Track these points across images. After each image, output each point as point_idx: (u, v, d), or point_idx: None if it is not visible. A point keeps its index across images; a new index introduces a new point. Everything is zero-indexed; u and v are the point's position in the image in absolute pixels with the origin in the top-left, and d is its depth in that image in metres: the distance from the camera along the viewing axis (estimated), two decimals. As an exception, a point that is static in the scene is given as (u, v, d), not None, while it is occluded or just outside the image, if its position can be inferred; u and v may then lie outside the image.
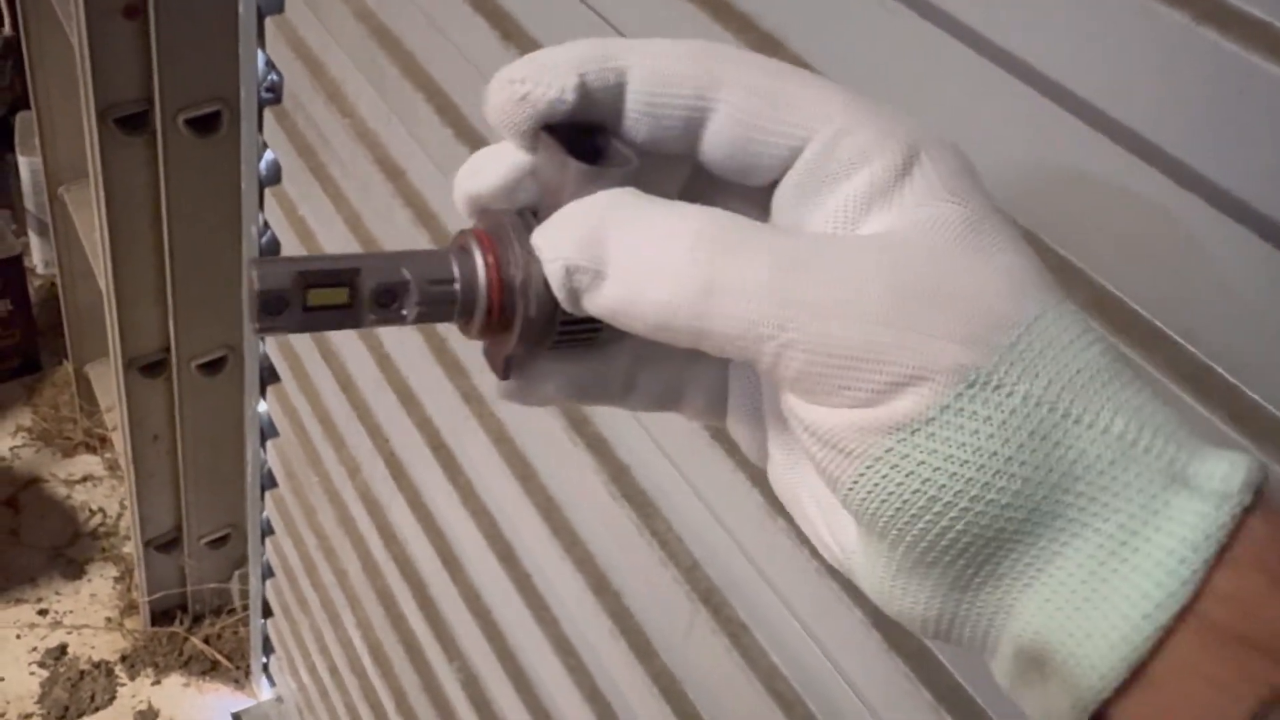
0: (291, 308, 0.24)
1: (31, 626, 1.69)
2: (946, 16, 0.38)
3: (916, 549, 0.22)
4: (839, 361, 0.22)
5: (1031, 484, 0.21)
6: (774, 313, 0.22)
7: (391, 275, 0.24)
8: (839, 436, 0.22)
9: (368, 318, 0.24)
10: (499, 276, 0.25)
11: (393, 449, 0.94)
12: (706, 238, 0.23)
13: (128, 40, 1.12)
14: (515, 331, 0.25)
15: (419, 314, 0.25)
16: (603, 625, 0.66)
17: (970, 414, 0.21)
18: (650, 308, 0.23)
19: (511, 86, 0.24)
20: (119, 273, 1.29)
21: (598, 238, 0.23)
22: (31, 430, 1.95)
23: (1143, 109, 0.32)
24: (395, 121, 0.79)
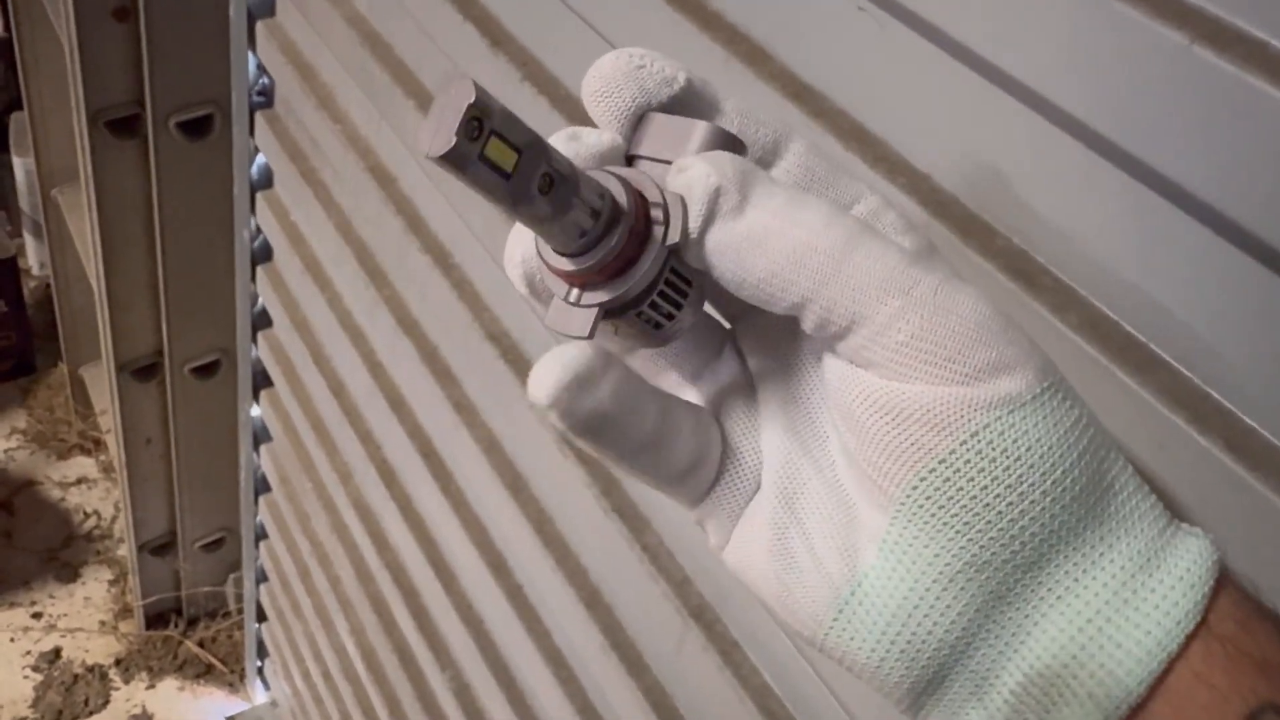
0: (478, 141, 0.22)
1: (25, 630, 1.68)
2: (939, 32, 0.37)
3: (977, 545, 0.23)
4: (954, 331, 0.23)
5: (1089, 488, 0.23)
6: (903, 277, 0.23)
7: (563, 165, 0.24)
8: (934, 411, 0.23)
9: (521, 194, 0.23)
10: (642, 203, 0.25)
11: (384, 456, 0.94)
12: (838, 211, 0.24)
13: (118, 43, 1.11)
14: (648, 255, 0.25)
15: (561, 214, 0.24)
16: (594, 638, 0.65)
17: (1053, 406, 0.23)
18: (786, 243, 0.24)
19: (630, 57, 0.25)
20: (111, 276, 1.29)
21: (748, 175, 0.24)
22: (26, 432, 1.94)
23: (1140, 130, 0.31)
24: (386, 127, 0.78)
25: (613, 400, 0.25)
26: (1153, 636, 0.22)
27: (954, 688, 0.24)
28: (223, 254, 1.19)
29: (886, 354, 0.23)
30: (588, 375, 0.25)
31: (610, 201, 0.24)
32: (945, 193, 0.38)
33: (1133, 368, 0.32)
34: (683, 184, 0.24)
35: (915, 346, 0.23)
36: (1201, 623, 0.22)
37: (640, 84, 0.25)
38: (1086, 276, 0.34)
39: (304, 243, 0.99)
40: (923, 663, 0.24)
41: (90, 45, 1.10)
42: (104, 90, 1.14)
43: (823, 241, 0.23)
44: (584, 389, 0.25)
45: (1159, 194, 0.32)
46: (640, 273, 0.25)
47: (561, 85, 0.58)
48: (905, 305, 0.23)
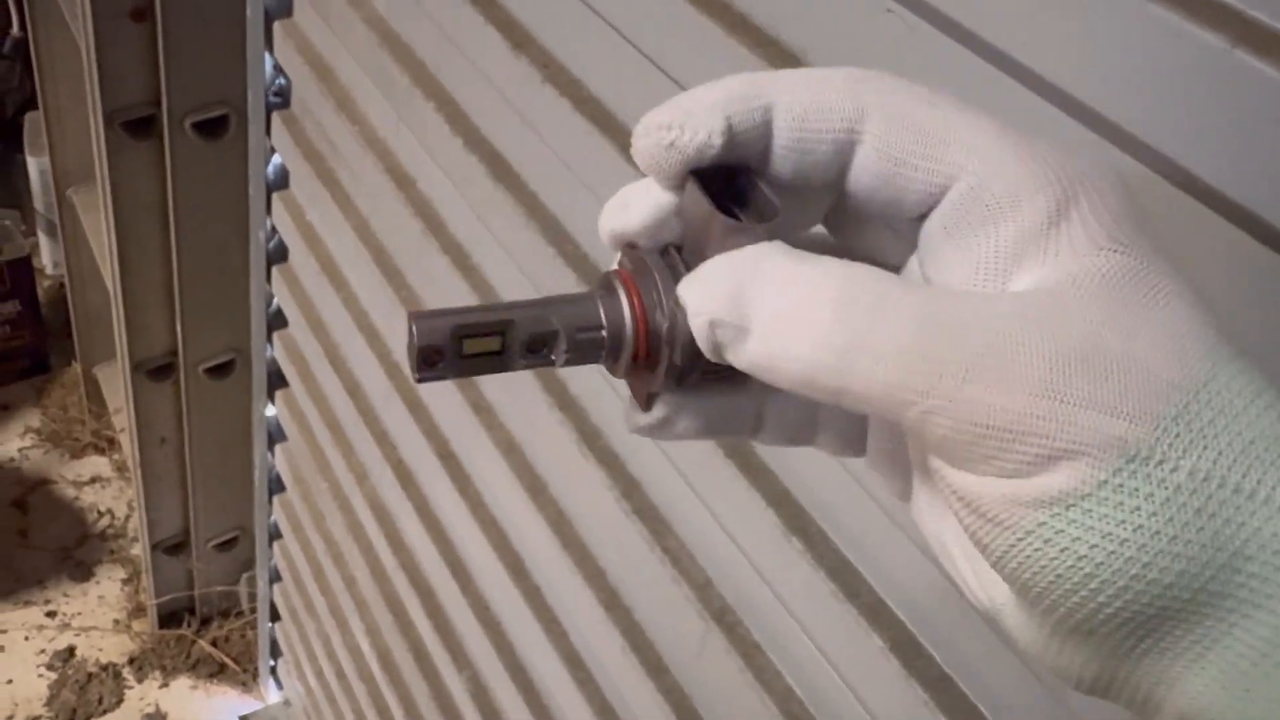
0: (448, 358, 0.25)
1: (40, 628, 1.69)
2: (970, 34, 0.37)
3: (1072, 620, 0.21)
4: (985, 432, 0.21)
5: (1198, 563, 0.20)
6: (917, 378, 0.21)
7: (542, 325, 0.25)
8: (988, 506, 0.22)
9: (518, 363, 0.25)
10: (645, 325, 0.25)
11: (401, 457, 0.94)
12: (849, 297, 0.22)
13: (135, 43, 1.11)
14: (660, 374, 0.26)
15: (567, 359, 0.26)
16: (614, 641, 0.65)
17: (1130, 491, 0.20)
18: (792, 366, 0.22)
19: (659, 133, 0.24)
20: (126, 276, 1.29)
21: (742, 294, 0.23)
22: (40, 431, 1.95)
23: (1178, 134, 0.31)
24: (405, 130, 0.78)
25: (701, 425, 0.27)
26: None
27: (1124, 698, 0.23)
28: (238, 254, 1.19)
29: (931, 448, 0.22)
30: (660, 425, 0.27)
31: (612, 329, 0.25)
32: (976, 196, 0.38)
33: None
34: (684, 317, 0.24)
35: (951, 447, 0.22)
36: None
37: (678, 157, 0.24)
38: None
39: (320, 243, 0.99)
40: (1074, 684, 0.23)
41: (107, 45, 1.10)
42: (120, 90, 1.14)
43: (825, 358, 0.22)
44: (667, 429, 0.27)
45: (1197, 199, 0.31)
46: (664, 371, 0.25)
47: (584, 87, 0.58)
48: (928, 410, 0.21)
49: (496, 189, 0.67)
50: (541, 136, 0.62)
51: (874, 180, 0.24)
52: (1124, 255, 0.22)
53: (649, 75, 0.52)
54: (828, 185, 0.25)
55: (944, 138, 0.23)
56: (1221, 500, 0.20)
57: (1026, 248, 0.22)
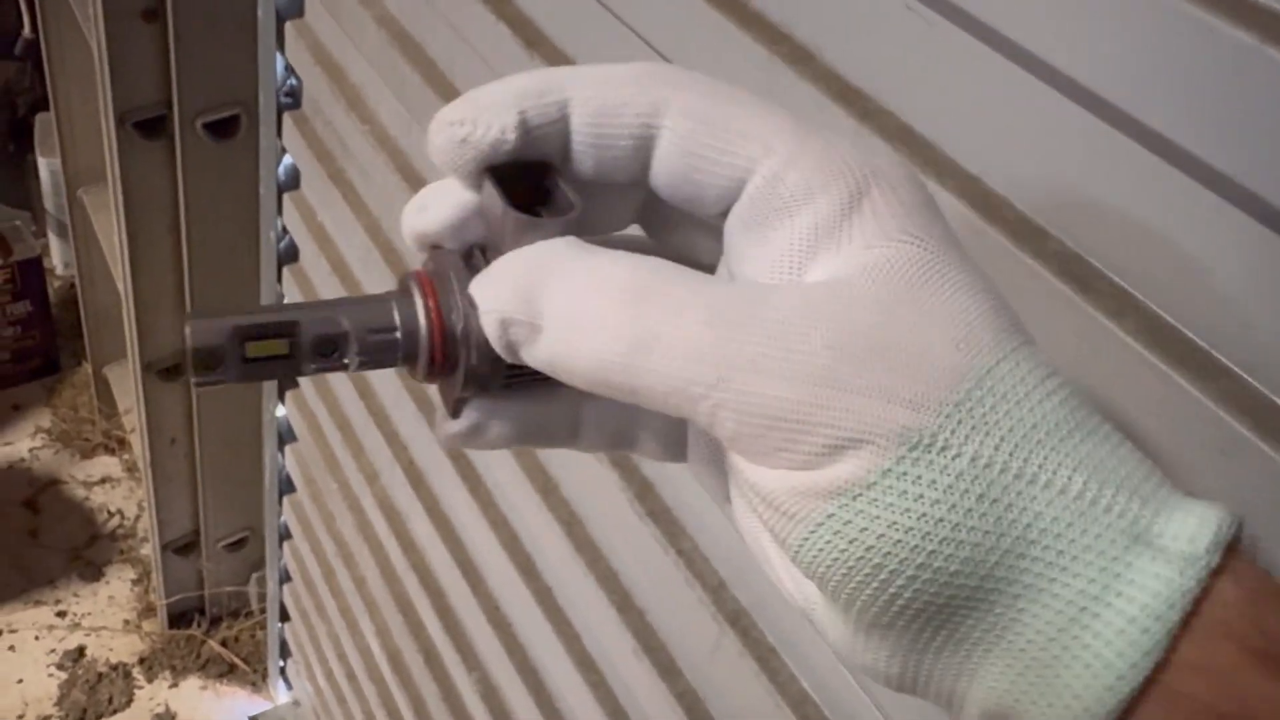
0: (230, 361, 0.24)
1: (50, 628, 1.69)
2: (991, 31, 0.36)
3: (869, 612, 0.21)
4: (772, 424, 0.21)
5: (983, 549, 0.20)
6: (706, 371, 0.21)
7: (330, 326, 0.24)
8: (780, 499, 0.22)
9: (308, 367, 0.24)
10: (440, 325, 0.24)
11: (412, 457, 0.94)
12: (638, 290, 0.22)
13: (146, 44, 1.11)
14: (460, 375, 0.25)
15: (361, 362, 0.25)
16: (626, 643, 0.65)
17: (914, 478, 0.20)
18: (583, 363, 0.22)
19: (451, 129, 0.24)
20: (137, 277, 1.29)
21: (532, 291, 0.23)
22: (50, 431, 1.95)
23: (1203, 131, 0.31)
24: (416, 129, 0.78)
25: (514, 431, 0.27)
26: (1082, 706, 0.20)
27: (931, 694, 0.23)
28: (248, 255, 1.19)
29: (724, 443, 0.22)
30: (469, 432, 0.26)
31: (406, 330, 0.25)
32: (997, 195, 0.37)
33: (1193, 374, 0.32)
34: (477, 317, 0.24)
35: (741, 441, 0.21)
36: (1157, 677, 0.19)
37: (472, 153, 0.24)
38: (1144, 281, 0.33)
39: (331, 244, 0.99)
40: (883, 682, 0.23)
41: (118, 46, 1.11)
42: (132, 91, 1.14)
43: (614, 354, 0.22)
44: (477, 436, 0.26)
45: (1221, 196, 0.31)
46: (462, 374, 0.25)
47: (597, 86, 0.57)
48: (716, 404, 0.21)
49: (508, 189, 0.67)
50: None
51: (673, 176, 0.24)
52: (914, 246, 0.22)
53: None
54: (632, 182, 0.25)
55: (741, 132, 0.23)
56: (1004, 486, 0.20)
57: (821, 238, 0.22)
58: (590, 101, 0.24)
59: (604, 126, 0.24)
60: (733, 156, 0.23)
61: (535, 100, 0.24)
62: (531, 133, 0.24)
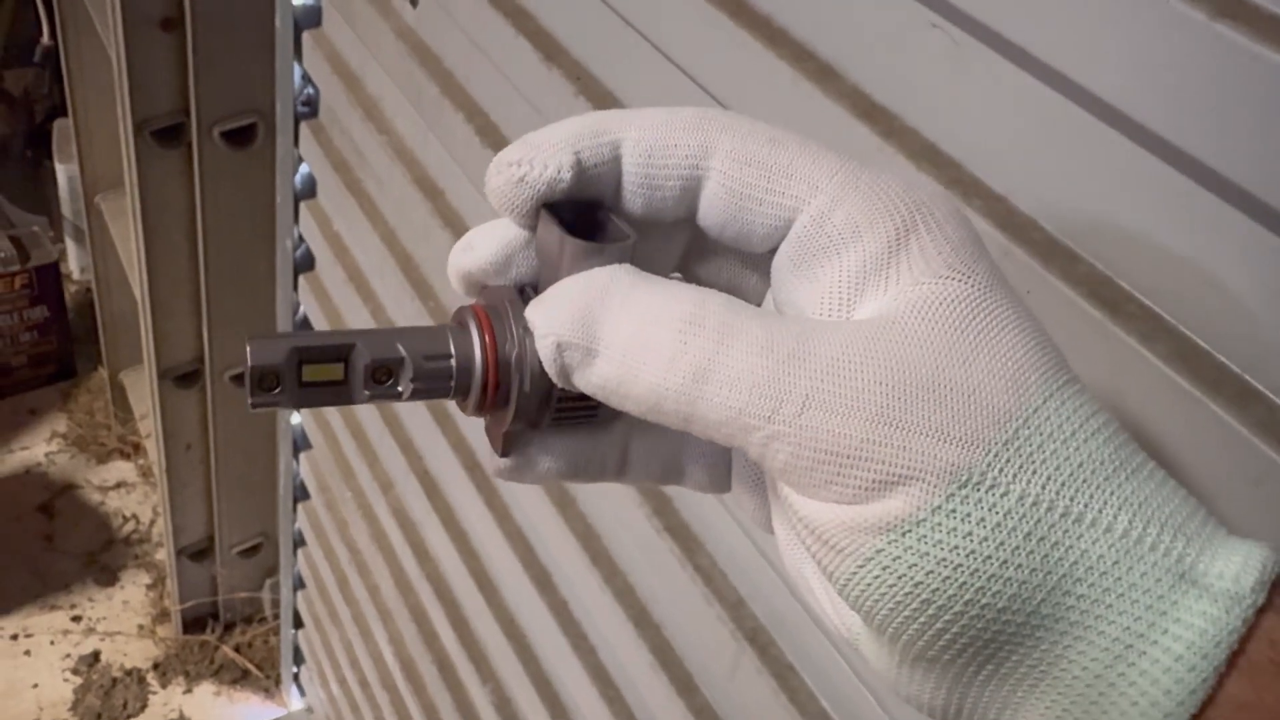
0: (286, 383, 0.24)
1: (65, 633, 1.70)
2: (1016, 49, 0.36)
3: (915, 646, 0.22)
4: (825, 458, 0.21)
5: (1029, 587, 0.21)
6: (760, 404, 0.22)
7: (387, 351, 0.24)
8: (829, 532, 0.22)
9: (362, 394, 0.25)
10: (494, 354, 0.25)
11: (426, 467, 0.94)
12: (696, 322, 0.23)
13: (164, 52, 1.12)
14: (511, 407, 0.25)
15: (414, 390, 0.25)
16: (643, 658, 0.65)
17: (963, 516, 0.21)
18: (639, 389, 0.23)
19: (510, 169, 0.25)
20: (154, 284, 1.29)
21: (590, 315, 0.23)
22: (66, 436, 1.96)
23: (1235, 152, 0.30)
24: (433, 140, 0.78)
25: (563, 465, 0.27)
26: None
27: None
28: (265, 262, 1.19)
29: (775, 474, 0.22)
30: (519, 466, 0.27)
31: (461, 359, 0.25)
32: (1024, 216, 0.37)
33: (1226, 400, 0.31)
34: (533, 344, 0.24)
35: (793, 473, 0.22)
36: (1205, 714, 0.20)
37: (529, 192, 0.24)
38: (1175, 304, 0.33)
39: (347, 253, 0.99)
40: (927, 712, 0.23)
41: (137, 54, 1.11)
42: (150, 99, 1.15)
43: (672, 381, 0.22)
44: (527, 471, 0.27)
45: (1252, 218, 0.30)
46: (514, 405, 0.25)
47: (618, 100, 0.57)
48: (770, 436, 0.22)
49: (527, 201, 0.67)
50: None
51: (722, 216, 0.24)
52: (962, 283, 0.22)
53: (684, 88, 0.51)
54: (679, 222, 0.25)
55: (787, 172, 0.24)
56: (1050, 524, 0.21)
57: (869, 276, 0.23)
58: (641, 143, 0.24)
59: (654, 167, 0.24)
60: (779, 196, 0.24)
61: (590, 141, 0.24)
62: (586, 172, 0.24)
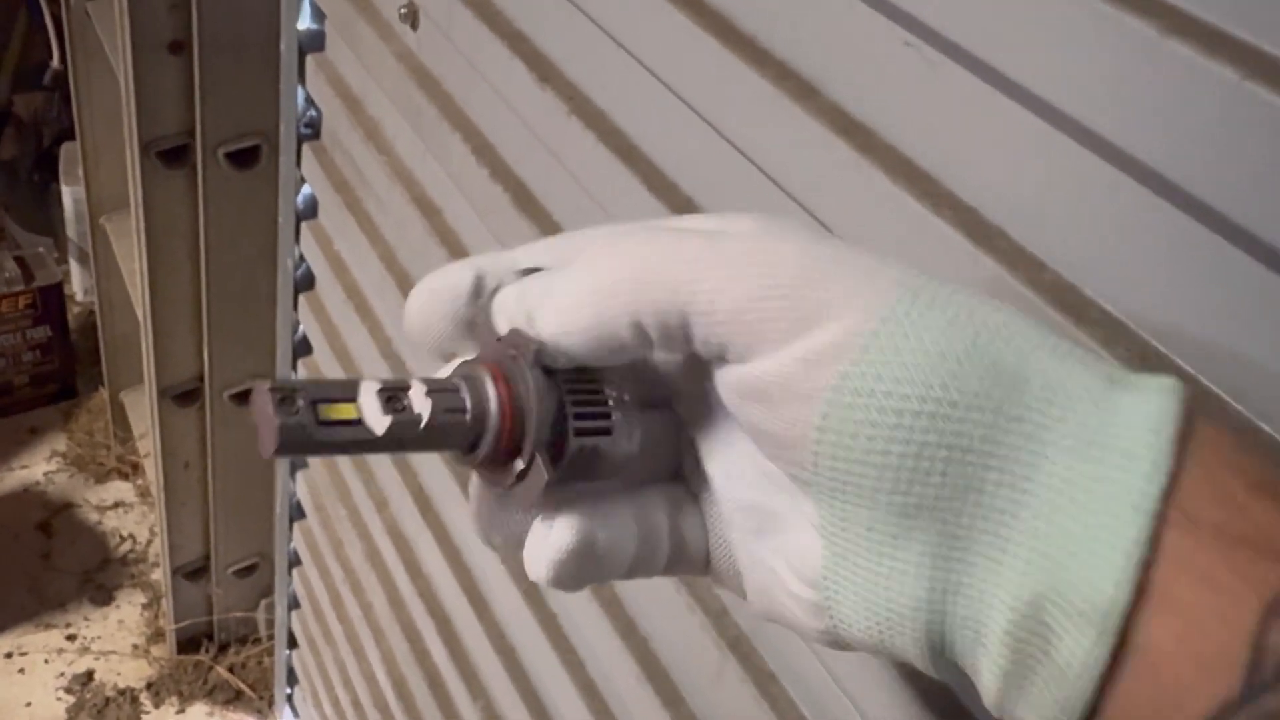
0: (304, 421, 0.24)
1: (60, 652, 1.70)
2: (987, 67, 0.37)
3: (898, 491, 0.21)
4: (767, 295, 0.22)
5: (988, 383, 0.21)
6: (695, 272, 0.23)
7: (397, 383, 0.25)
8: (788, 383, 0.22)
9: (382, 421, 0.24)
10: (510, 399, 0.25)
11: (421, 483, 0.94)
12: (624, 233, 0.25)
13: (171, 75, 1.14)
14: (530, 431, 0.25)
15: (432, 407, 0.25)
16: (630, 669, 0.65)
17: (914, 321, 0.21)
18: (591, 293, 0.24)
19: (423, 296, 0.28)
20: (156, 303, 1.31)
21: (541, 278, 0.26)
22: (66, 455, 1.97)
23: (1192, 165, 0.32)
24: (432, 160, 0.80)
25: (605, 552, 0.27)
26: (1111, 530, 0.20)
27: (958, 639, 0.22)
28: (266, 282, 1.21)
29: (726, 335, 0.23)
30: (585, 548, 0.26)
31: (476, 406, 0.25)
32: (993, 226, 0.38)
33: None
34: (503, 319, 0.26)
35: (742, 319, 0.22)
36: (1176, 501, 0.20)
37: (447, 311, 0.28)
38: (1136, 311, 0.34)
39: (347, 272, 1.00)
40: (914, 628, 0.23)
41: (145, 77, 1.13)
42: (156, 120, 1.17)
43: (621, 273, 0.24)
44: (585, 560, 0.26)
45: (1211, 229, 0.32)
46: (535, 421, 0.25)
47: (609, 119, 0.59)
48: (719, 282, 0.23)
49: (521, 219, 0.68)
50: (566, 168, 0.63)
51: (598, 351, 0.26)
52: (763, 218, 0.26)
53: (672, 107, 0.53)
54: None
55: None
56: (990, 335, 0.22)
57: None
58: None
59: None
60: None
61: None
62: None
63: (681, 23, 0.51)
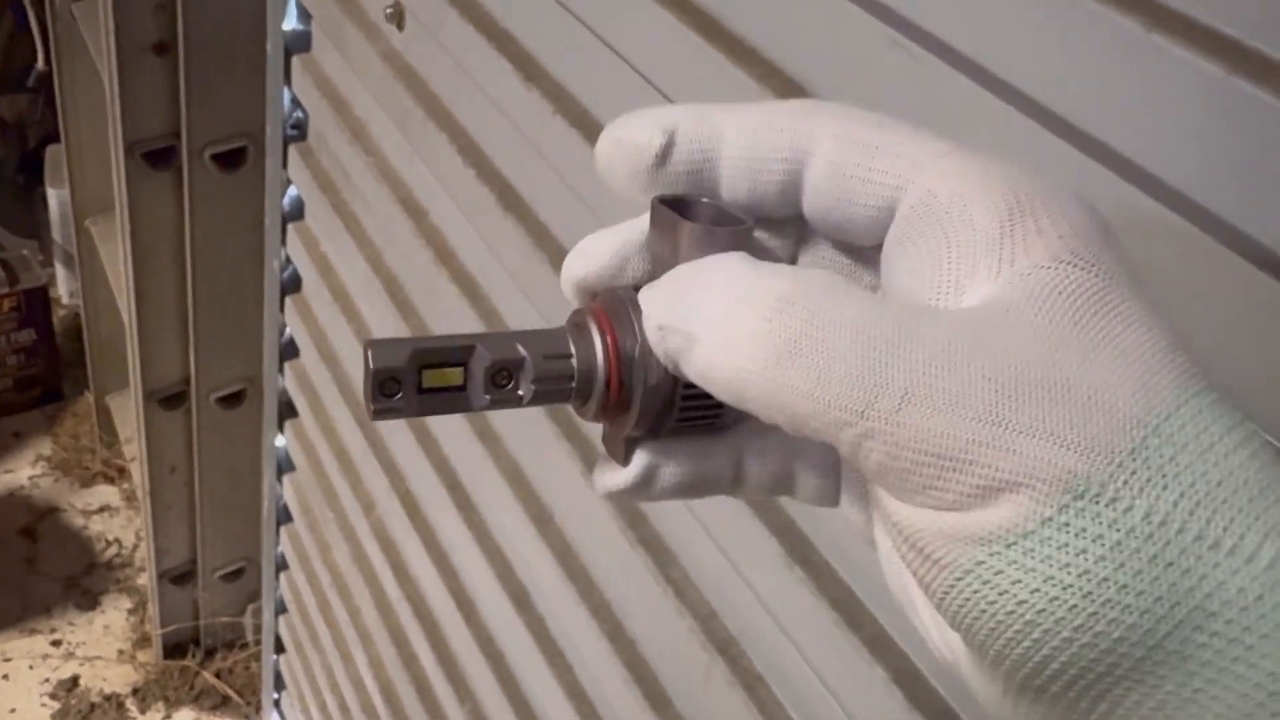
0: (406, 389, 0.23)
1: (44, 657, 1.69)
2: (974, 65, 0.37)
3: (1019, 673, 0.19)
4: (924, 459, 0.19)
5: (1153, 617, 0.18)
6: (853, 395, 0.20)
7: (506, 352, 0.24)
8: (927, 542, 0.20)
9: (482, 399, 0.24)
10: (616, 350, 0.24)
11: (408, 486, 0.94)
12: (788, 300, 0.21)
13: (157, 77, 1.13)
14: (635, 408, 0.24)
15: (535, 393, 0.24)
16: (617, 673, 0.65)
17: (1077, 530, 0.18)
18: (725, 373, 0.21)
19: (610, 132, 0.24)
20: (142, 305, 1.30)
21: (688, 298, 0.22)
22: (51, 459, 1.96)
23: (1183, 164, 0.32)
24: (418, 161, 0.79)
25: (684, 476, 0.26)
26: None
27: None
28: (252, 284, 1.20)
29: (869, 476, 0.21)
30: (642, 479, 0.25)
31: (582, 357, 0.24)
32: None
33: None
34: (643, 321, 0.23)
35: (888, 475, 0.20)
36: None
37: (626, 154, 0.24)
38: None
39: (333, 273, 1.00)
40: None
41: (130, 78, 1.12)
42: (141, 122, 1.16)
43: (754, 364, 0.21)
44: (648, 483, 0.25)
45: (1202, 228, 0.32)
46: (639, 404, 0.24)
47: (594, 119, 0.58)
48: (862, 434, 0.20)
49: (506, 219, 0.68)
50: (552, 167, 0.63)
51: (825, 200, 0.23)
52: (1084, 271, 0.20)
53: (658, 103, 0.52)
54: (786, 218, 0.24)
55: (892, 152, 0.22)
56: (1181, 548, 0.18)
57: (979, 258, 0.21)
58: (745, 128, 0.23)
59: (758, 150, 0.23)
60: (883, 175, 0.22)
61: (691, 118, 0.24)
62: (680, 144, 0.24)
63: (668, 22, 0.50)
